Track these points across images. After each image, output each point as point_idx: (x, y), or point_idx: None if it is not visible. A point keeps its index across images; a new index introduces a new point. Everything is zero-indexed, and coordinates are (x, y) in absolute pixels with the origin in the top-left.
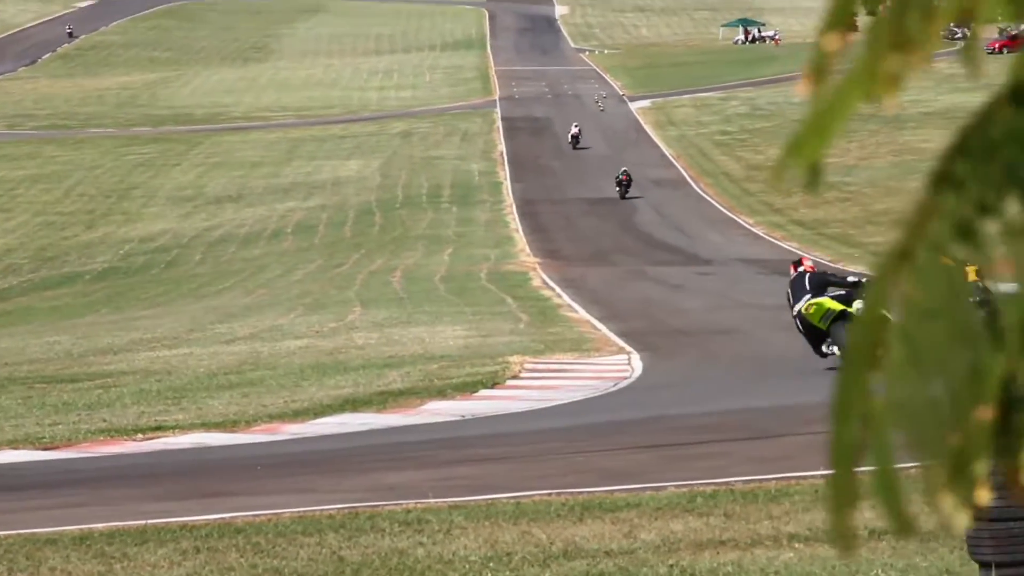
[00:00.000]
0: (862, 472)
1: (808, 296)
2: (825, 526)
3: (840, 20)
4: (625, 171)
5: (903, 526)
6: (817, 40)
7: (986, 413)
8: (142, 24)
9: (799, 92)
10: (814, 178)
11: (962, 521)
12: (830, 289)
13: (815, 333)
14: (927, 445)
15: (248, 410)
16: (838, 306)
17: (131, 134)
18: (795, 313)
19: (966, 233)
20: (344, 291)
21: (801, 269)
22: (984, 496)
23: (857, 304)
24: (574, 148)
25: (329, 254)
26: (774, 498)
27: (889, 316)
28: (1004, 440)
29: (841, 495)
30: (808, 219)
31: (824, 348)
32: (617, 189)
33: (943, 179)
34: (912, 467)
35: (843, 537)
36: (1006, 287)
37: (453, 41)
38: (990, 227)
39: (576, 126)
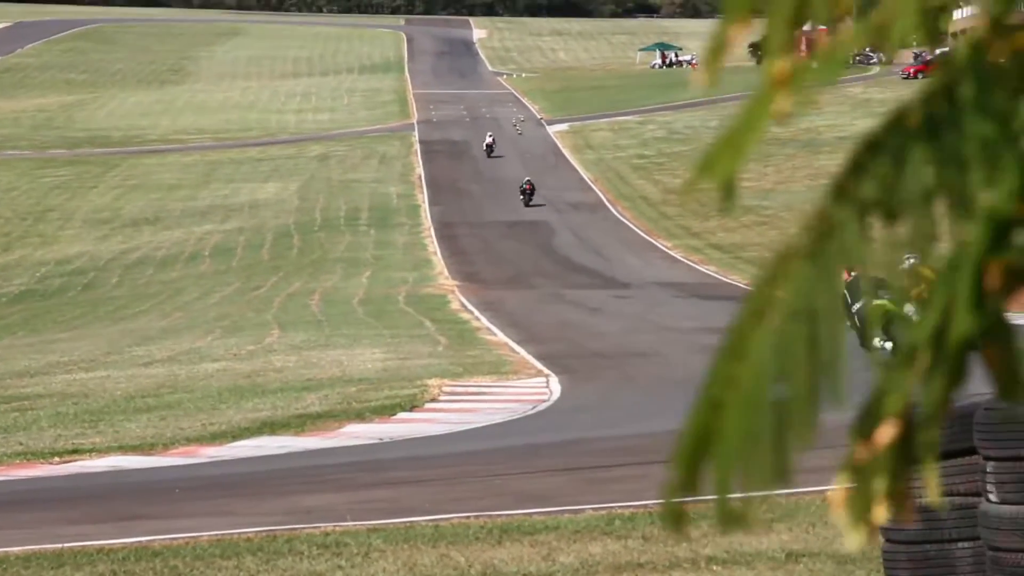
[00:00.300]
0: (705, 463)
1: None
2: (664, 510)
3: (736, 13)
4: (528, 180)
5: (726, 520)
6: (714, 29)
7: (888, 432)
8: (57, 46)
9: (694, 80)
10: (728, 195)
11: (856, 540)
12: (884, 292)
13: (867, 331)
14: (760, 445)
15: (165, 433)
16: (894, 307)
17: (47, 156)
18: (854, 311)
19: (856, 248)
20: (262, 314)
21: (854, 273)
22: (881, 515)
23: (908, 307)
24: (488, 156)
25: (247, 277)
26: (692, 520)
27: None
28: (900, 460)
29: (681, 477)
30: (726, 243)
31: (876, 342)
32: (521, 198)
33: (844, 193)
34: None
35: (674, 518)
36: (909, 309)
37: (371, 64)
38: (883, 240)
39: (490, 135)
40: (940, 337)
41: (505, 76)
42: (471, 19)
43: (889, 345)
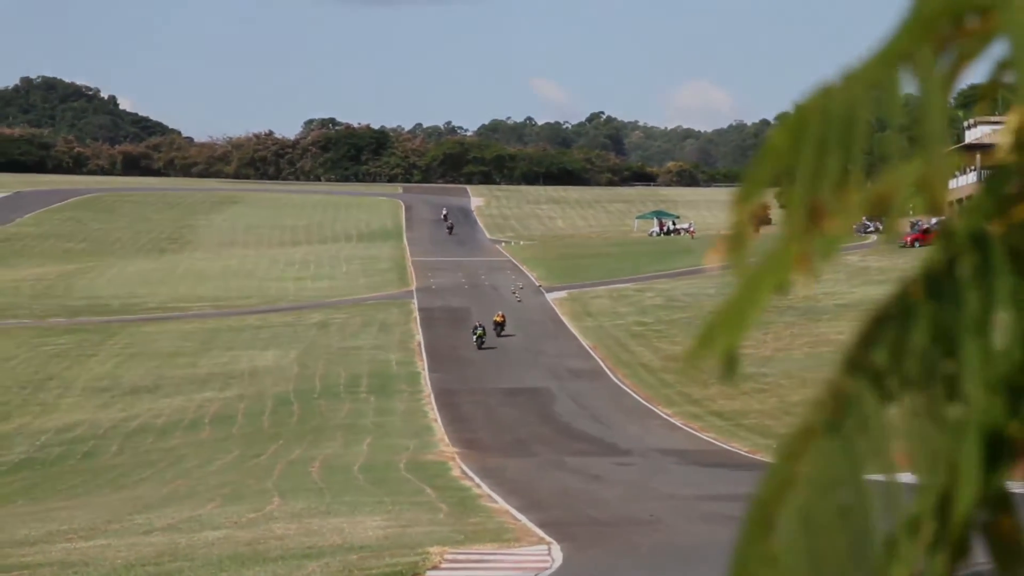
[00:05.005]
0: None
1: None
2: None
3: (755, 191)
4: (503, 313)
5: None
6: (732, 208)
7: None
8: (56, 216)
9: (710, 261)
10: (730, 367)
11: None
12: None
13: None
14: None
15: None
16: None
17: (47, 325)
18: None
19: (874, 419)
20: (262, 481)
21: None
22: None
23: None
24: (450, 234)
25: (247, 444)
26: None
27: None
28: None
29: None
30: (726, 410)
31: None
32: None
33: (856, 366)
34: None
35: None
36: (909, 478)
37: (369, 232)
38: (896, 416)
39: (445, 212)
40: (944, 508)
41: (503, 244)
42: (468, 187)
43: None
